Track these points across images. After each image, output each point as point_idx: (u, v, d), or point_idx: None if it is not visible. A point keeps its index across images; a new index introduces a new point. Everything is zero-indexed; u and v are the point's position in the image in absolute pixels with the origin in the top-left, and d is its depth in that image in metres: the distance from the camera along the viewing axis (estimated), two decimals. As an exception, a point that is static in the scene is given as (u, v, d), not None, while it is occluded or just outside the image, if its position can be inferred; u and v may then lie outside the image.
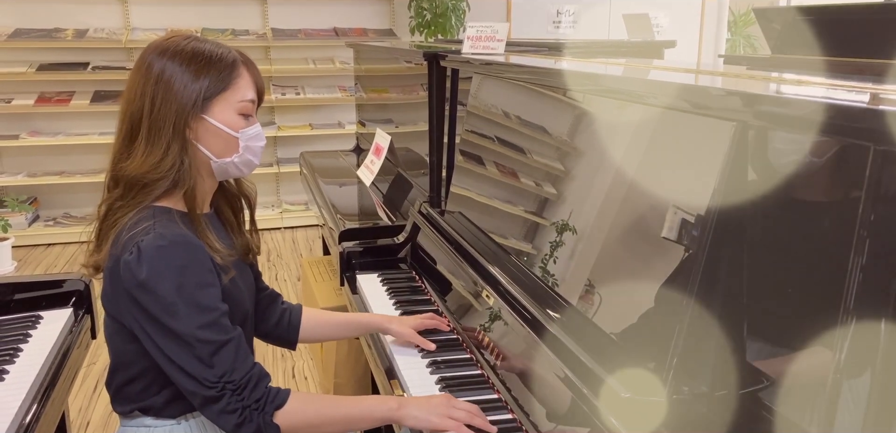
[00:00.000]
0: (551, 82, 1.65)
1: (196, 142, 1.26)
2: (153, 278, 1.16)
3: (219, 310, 1.21)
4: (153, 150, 1.22)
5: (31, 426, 1.41)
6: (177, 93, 1.22)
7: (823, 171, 0.89)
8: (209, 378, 1.18)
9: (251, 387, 1.21)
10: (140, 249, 1.16)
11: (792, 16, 2.21)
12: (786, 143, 0.96)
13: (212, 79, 1.25)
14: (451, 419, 1.26)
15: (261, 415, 1.21)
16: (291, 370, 3.20)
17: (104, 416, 2.83)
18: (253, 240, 1.46)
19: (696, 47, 6.05)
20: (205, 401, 1.20)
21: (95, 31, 5.05)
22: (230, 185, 1.43)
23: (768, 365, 0.96)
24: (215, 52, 1.27)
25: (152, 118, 1.22)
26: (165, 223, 1.21)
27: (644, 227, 1.22)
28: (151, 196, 1.24)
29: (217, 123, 1.26)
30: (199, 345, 1.18)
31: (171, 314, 1.16)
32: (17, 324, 1.77)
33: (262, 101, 1.35)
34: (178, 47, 1.26)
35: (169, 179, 1.23)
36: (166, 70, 1.23)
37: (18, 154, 5.10)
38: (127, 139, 1.25)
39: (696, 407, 1.03)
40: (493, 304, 1.59)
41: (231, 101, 1.27)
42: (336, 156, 3.98)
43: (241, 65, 1.30)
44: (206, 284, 1.20)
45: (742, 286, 1.01)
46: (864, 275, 0.80)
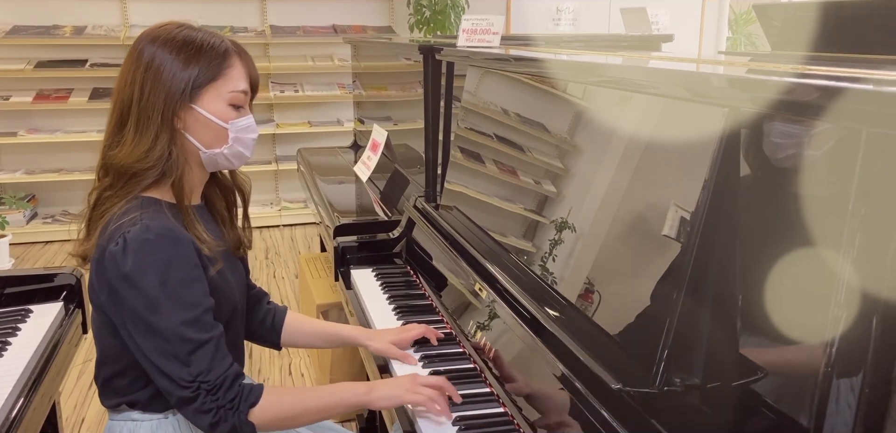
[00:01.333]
0: (545, 74, 1.63)
1: (185, 132, 1.24)
2: (137, 271, 1.14)
3: (202, 306, 1.20)
4: (142, 138, 1.21)
5: (17, 419, 1.40)
6: (165, 81, 1.21)
7: (817, 160, 0.87)
8: (184, 377, 1.17)
9: (226, 388, 1.20)
10: (126, 241, 1.15)
11: (792, 13, 2.19)
12: (779, 134, 0.94)
13: (202, 67, 1.23)
14: (420, 393, 1.28)
15: (236, 415, 1.20)
16: (288, 367, 3.19)
17: (99, 414, 2.82)
18: (245, 234, 1.45)
19: (696, 45, 6.03)
20: (180, 401, 1.19)
21: (93, 28, 5.04)
22: (224, 178, 1.41)
23: (761, 357, 0.94)
24: (206, 41, 1.25)
25: (141, 106, 1.21)
26: (152, 214, 1.19)
27: (633, 220, 1.20)
28: (140, 186, 1.22)
29: (206, 113, 1.24)
30: (177, 343, 1.16)
31: (153, 310, 1.15)
32: (7, 317, 1.75)
33: (255, 92, 1.33)
34: (169, 35, 1.25)
35: (158, 169, 1.21)
36: (156, 57, 1.21)
37: (16, 151, 5.09)
38: (117, 127, 1.24)
39: (687, 398, 1.01)
40: (488, 299, 1.57)
41: (221, 91, 1.25)
42: (333, 153, 3.96)
43: (234, 54, 1.28)
44: (191, 280, 1.19)
45: (735, 278, 0.99)
46: (857, 267, 0.78)
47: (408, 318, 1.75)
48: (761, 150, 0.97)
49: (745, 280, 0.96)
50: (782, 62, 1.49)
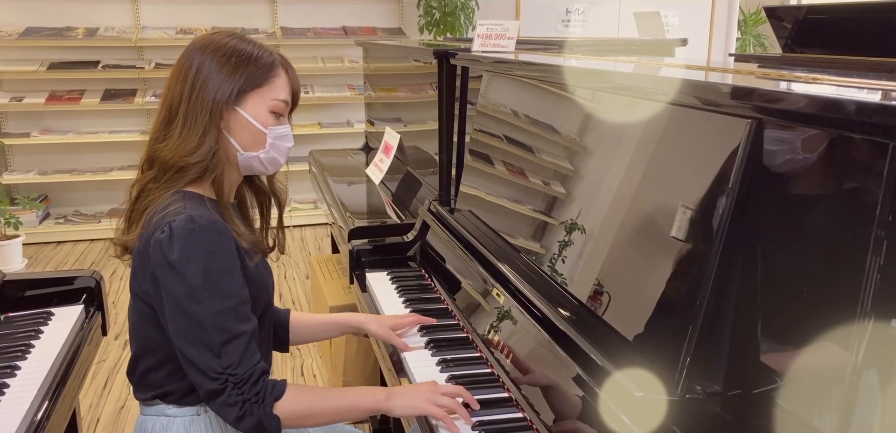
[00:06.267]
0: (561, 80, 1.64)
1: (227, 132, 1.31)
2: (182, 259, 1.19)
3: (240, 297, 1.25)
4: (189, 135, 1.27)
5: (42, 422, 1.42)
6: (216, 83, 1.28)
7: (839, 168, 0.88)
8: (215, 369, 1.21)
9: (252, 382, 1.24)
10: (172, 229, 1.20)
11: (803, 14, 2.19)
12: (799, 141, 0.95)
13: (249, 74, 1.30)
14: (438, 405, 1.31)
15: (261, 408, 1.24)
16: (300, 368, 3.21)
17: (114, 413, 2.85)
18: (279, 238, 1.50)
19: (706, 46, 6.02)
20: (208, 393, 1.23)
21: (106, 30, 5.07)
22: (262, 183, 1.47)
23: (782, 364, 0.95)
24: (255, 52, 1.32)
25: (190, 104, 1.27)
26: (195, 206, 1.25)
27: (655, 226, 1.21)
28: (183, 180, 1.28)
29: (248, 116, 1.30)
30: (214, 332, 1.21)
31: (194, 298, 1.20)
32: (29, 320, 1.77)
33: (296, 105, 1.40)
34: (220, 42, 1.32)
35: (202, 165, 1.28)
36: (206, 62, 1.29)
37: (29, 152, 5.12)
38: (165, 123, 1.30)
39: (708, 406, 1.02)
40: (503, 302, 1.58)
41: (265, 97, 1.32)
42: (345, 154, 3.98)
43: (280, 66, 1.35)
44: (231, 270, 1.24)
45: (756, 285, 1.00)
46: (881, 273, 0.79)
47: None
48: (783, 157, 0.98)
49: (768, 287, 0.97)
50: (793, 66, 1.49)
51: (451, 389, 1.36)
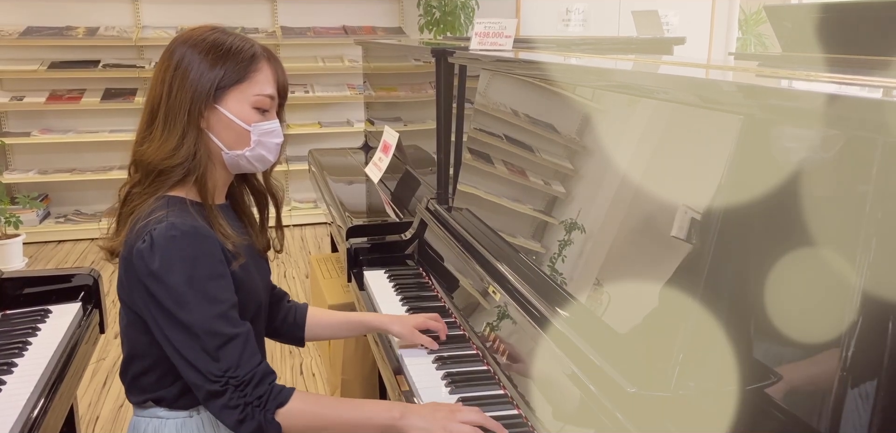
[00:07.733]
0: (559, 78, 1.64)
1: (209, 131, 1.26)
2: (164, 268, 1.17)
3: (228, 302, 1.21)
4: (169, 137, 1.23)
5: (38, 419, 1.42)
6: (192, 81, 1.23)
7: (831, 165, 0.88)
8: (214, 372, 1.18)
9: (254, 384, 1.21)
10: (152, 239, 1.17)
11: (803, 13, 2.19)
12: (793, 139, 0.95)
13: (228, 69, 1.25)
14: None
15: (262, 412, 1.20)
16: (299, 367, 3.21)
17: (113, 411, 2.85)
18: (277, 236, 1.47)
19: (706, 46, 6.01)
20: (208, 395, 1.20)
21: (106, 29, 5.08)
22: (258, 182, 1.43)
23: (775, 361, 0.95)
24: (235, 44, 1.27)
25: (169, 105, 1.23)
26: (178, 212, 1.21)
27: (651, 224, 1.21)
28: (167, 184, 1.25)
29: (229, 114, 1.26)
30: (206, 338, 1.18)
31: (181, 305, 1.17)
32: (26, 317, 1.78)
33: (285, 98, 1.34)
34: (200, 37, 1.27)
35: (183, 167, 1.24)
36: (185, 58, 1.24)
37: (30, 151, 5.13)
38: (147, 124, 1.27)
39: (702, 402, 1.02)
40: (500, 301, 1.59)
41: (247, 93, 1.26)
42: (344, 154, 3.98)
43: (262, 59, 1.29)
44: (217, 275, 1.21)
45: (749, 282, 1.00)
46: (871, 271, 0.79)
47: (421, 320, 1.76)
48: (776, 154, 0.98)
49: (760, 284, 0.97)
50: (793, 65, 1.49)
51: (470, 417, 1.24)
